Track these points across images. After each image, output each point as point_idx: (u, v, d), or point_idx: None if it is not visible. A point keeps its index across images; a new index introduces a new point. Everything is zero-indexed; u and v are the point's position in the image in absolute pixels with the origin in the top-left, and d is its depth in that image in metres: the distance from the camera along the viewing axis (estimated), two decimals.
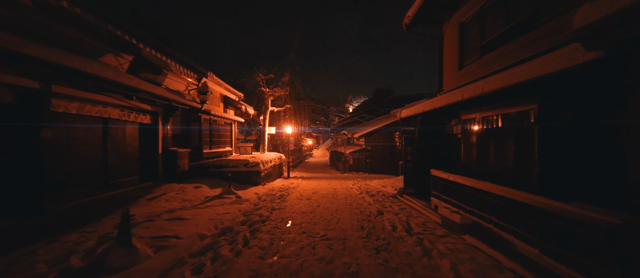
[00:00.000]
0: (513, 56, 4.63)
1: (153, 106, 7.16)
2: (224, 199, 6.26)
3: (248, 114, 13.15)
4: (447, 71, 7.26)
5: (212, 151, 10.12)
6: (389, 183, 10.59)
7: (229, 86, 11.19)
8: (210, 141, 10.02)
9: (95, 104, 5.53)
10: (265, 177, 9.83)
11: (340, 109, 65.32)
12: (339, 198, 7.20)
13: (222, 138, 11.27)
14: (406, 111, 7.39)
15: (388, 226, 4.52)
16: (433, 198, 5.92)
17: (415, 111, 7.03)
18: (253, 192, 7.59)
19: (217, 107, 11.13)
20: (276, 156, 12.40)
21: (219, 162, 9.18)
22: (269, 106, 12.81)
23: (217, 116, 10.27)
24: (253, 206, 5.95)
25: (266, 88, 12.32)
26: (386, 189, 8.83)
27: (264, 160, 10.17)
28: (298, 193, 8.12)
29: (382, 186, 9.66)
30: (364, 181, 12.11)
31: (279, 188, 9.03)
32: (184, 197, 6.08)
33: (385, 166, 19.26)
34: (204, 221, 4.39)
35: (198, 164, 9.08)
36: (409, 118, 7.53)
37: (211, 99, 10.71)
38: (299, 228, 4.40)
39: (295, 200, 6.95)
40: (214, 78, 9.62)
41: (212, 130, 10.18)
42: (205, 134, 9.67)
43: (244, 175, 9.06)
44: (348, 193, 8.13)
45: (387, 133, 19.79)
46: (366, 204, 6.35)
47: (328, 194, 7.84)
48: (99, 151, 5.87)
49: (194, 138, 9.21)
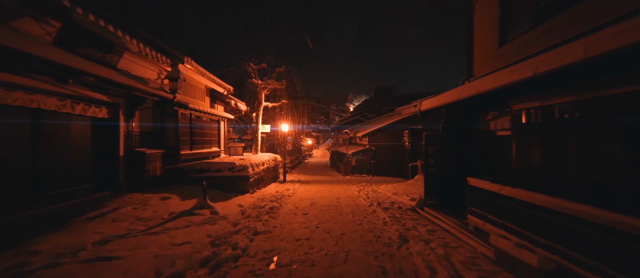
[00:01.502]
0: (599, 15, 3.15)
1: (110, 95, 5.68)
2: (194, 216, 4.77)
3: (239, 111, 11.66)
4: (479, 52, 5.77)
5: (194, 152, 8.64)
6: (400, 189, 9.10)
7: (215, 77, 9.70)
8: (191, 141, 8.54)
9: (12, 90, 4.05)
10: (255, 183, 8.34)
11: (341, 108, 63.88)
12: (344, 212, 5.70)
13: (208, 137, 9.79)
14: (428, 102, 5.90)
15: (423, 268, 3.01)
16: (472, 216, 4.42)
17: (440, 101, 5.53)
18: (236, 204, 6.11)
19: (201, 101, 9.64)
20: (270, 158, 10.92)
21: (199, 165, 7.69)
22: (263, 101, 11.30)
23: (200, 111, 8.79)
24: (231, 227, 4.46)
25: (258, 80, 10.80)
26: (400, 198, 7.34)
27: (255, 163, 8.69)
28: (293, 204, 6.62)
29: (393, 193, 8.17)
30: (370, 186, 10.63)
31: (271, 197, 7.54)
32: (140, 214, 4.60)
33: (391, 168, 17.77)
34: (143, 262, 2.90)
35: (174, 168, 7.60)
36: (431, 111, 6.04)
37: (194, 92, 9.23)
38: (287, 273, 2.90)
39: (288, 215, 5.46)
40: (193, 65, 8.13)
41: (193, 128, 8.69)
42: (184, 132, 8.19)
43: (229, 181, 7.57)
44: (354, 204, 6.63)
45: (394, 131, 18.30)
46: (381, 224, 4.84)
47: (330, 206, 6.35)
48: (25, 154, 4.39)
49: (169, 137, 7.72)
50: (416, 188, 9.30)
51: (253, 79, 10.73)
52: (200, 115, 9.11)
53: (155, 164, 6.94)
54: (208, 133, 9.79)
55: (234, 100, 10.55)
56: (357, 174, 17.68)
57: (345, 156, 18.91)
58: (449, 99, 5.30)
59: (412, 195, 7.70)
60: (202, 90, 9.89)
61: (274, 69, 11.28)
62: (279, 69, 11.38)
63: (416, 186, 9.61)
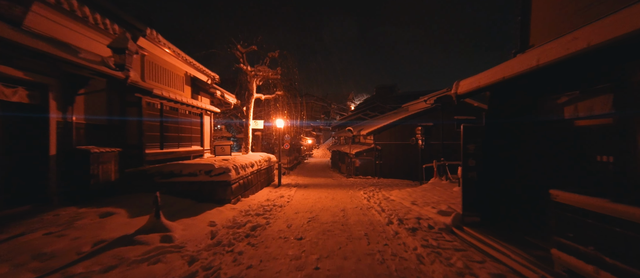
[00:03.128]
0: None
1: (31, 72, 4.09)
2: (132, 247, 3.17)
3: (228, 104, 10.06)
4: (541, 12, 4.16)
5: (167, 151, 7.04)
6: (417, 196, 7.50)
7: (195, 61, 8.10)
8: (162, 137, 6.94)
9: None
10: (239, 189, 6.74)
11: (342, 107, 62.29)
12: (355, 235, 4.08)
13: (187, 133, 8.19)
14: (468, 82, 4.30)
15: None
16: (562, 254, 2.80)
17: (487, 79, 3.95)
18: (208, 221, 4.50)
19: (178, 91, 8.04)
20: (262, 158, 9.31)
21: (168, 168, 6.10)
22: (254, 91, 9.66)
23: (176, 101, 7.19)
24: (181, 269, 2.85)
25: (248, 66, 9.17)
26: (423, 210, 5.74)
27: (241, 164, 7.09)
28: (285, 219, 5.00)
29: (411, 202, 6.56)
30: (379, 192, 9.03)
31: (258, 208, 5.95)
32: (48, 246, 3.00)
33: (399, 169, 16.16)
34: None
35: (136, 171, 6.01)
36: (471, 93, 4.44)
37: (169, 78, 7.63)
38: None
39: (275, 240, 3.85)
40: (161, 41, 6.50)
41: (165, 122, 7.10)
42: (152, 126, 6.59)
43: (205, 188, 5.98)
44: (367, 220, 5.00)
45: (401, 129, 16.69)
46: (414, 259, 3.17)
47: (334, 223, 4.73)
48: None
49: (131, 133, 6.13)
50: (436, 194, 7.70)
51: (241, 65, 9.09)
52: (175, 106, 7.51)
53: (107, 167, 5.34)
54: (187, 128, 8.19)
55: (219, 90, 8.94)
56: (361, 176, 16.08)
57: (347, 156, 17.31)
58: (498, 76, 3.70)
59: (437, 205, 6.10)
60: (180, 77, 8.29)
61: (267, 54, 9.66)
62: (273, 53, 9.74)
63: (435, 193, 8.01)
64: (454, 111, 16.85)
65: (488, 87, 4.05)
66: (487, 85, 3.94)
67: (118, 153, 5.61)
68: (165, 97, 6.77)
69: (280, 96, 10.84)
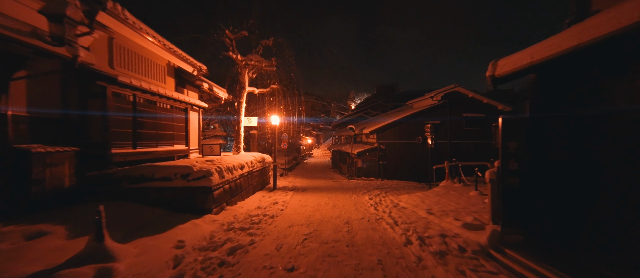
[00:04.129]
0: None
1: None
2: None
3: (217, 98, 9.06)
4: None
5: (141, 151, 6.06)
6: (431, 203, 6.51)
7: (178, 49, 7.08)
8: (135, 135, 5.94)
9: None
10: (224, 196, 5.74)
11: (342, 106, 61.28)
12: (366, 263, 3.04)
13: (168, 131, 7.20)
14: (512, 60, 3.30)
15: None
16: None
17: (539, 55, 2.96)
18: (174, 242, 3.51)
19: (157, 82, 7.06)
20: (254, 159, 8.32)
21: (138, 172, 5.11)
22: (246, 84, 8.62)
23: (153, 93, 6.20)
24: None
25: (238, 55, 8.14)
26: (443, 222, 4.75)
27: (228, 166, 6.10)
28: (274, 239, 3.96)
29: (427, 211, 5.57)
30: (386, 196, 8.04)
31: (244, 219, 4.96)
32: None
33: (404, 170, 15.17)
34: None
35: (100, 175, 5.02)
36: (515, 74, 3.45)
37: (146, 67, 6.64)
38: None
39: (257, 273, 2.85)
40: (129, 18, 5.47)
41: (140, 117, 6.10)
42: (122, 122, 5.59)
43: (181, 195, 4.99)
44: (379, 238, 3.98)
45: (406, 127, 15.70)
46: None
47: (337, 243, 3.72)
48: None
49: (94, 129, 5.14)
50: (452, 200, 6.72)
51: (231, 53, 8.06)
52: (153, 99, 6.51)
53: (58, 171, 4.35)
54: (168, 125, 7.20)
55: (206, 82, 7.94)
56: (363, 177, 15.09)
57: (349, 156, 16.32)
58: (553, 50, 2.71)
59: (458, 215, 5.11)
60: (162, 67, 7.29)
61: (260, 42, 8.64)
62: (266, 40, 8.69)
63: (450, 198, 7.03)
64: (462, 108, 15.87)
65: (542, 65, 3.05)
66: (540, 61, 2.95)
67: (75, 153, 4.63)
68: (138, 88, 5.77)
69: (276, 90, 9.82)
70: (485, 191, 7.59)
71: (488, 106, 15.83)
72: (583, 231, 2.97)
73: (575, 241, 3.06)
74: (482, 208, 6.10)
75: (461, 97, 15.75)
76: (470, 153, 13.97)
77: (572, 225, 3.09)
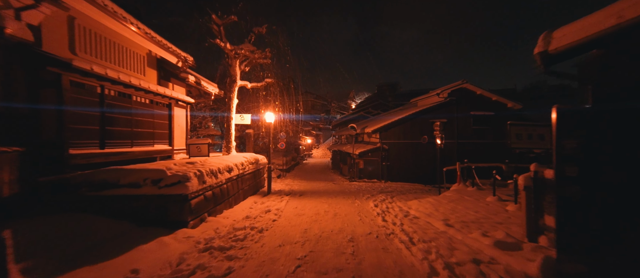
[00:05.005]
0: None
1: None
2: None
3: (207, 92, 8.21)
4: None
5: (111, 151, 5.21)
6: (446, 211, 5.67)
7: (161, 37, 6.22)
8: (103, 133, 5.09)
9: None
10: (205, 205, 4.88)
11: (343, 106, 60.45)
12: None
13: (147, 128, 6.35)
14: (574, 28, 2.44)
15: None
16: None
17: (612, 20, 2.07)
18: (125, 273, 2.65)
19: (135, 73, 6.21)
20: (246, 160, 7.46)
21: (101, 176, 4.27)
22: (237, 78, 7.75)
23: (127, 85, 5.36)
24: None
25: (228, 43, 7.26)
26: (467, 238, 3.89)
27: (211, 169, 5.26)
28: (258, 266, 2.92)
29: (444, 222, 4.72)
30: (392, 202, 7.19)
31: (226, 235, 4.11)
32: None
33: (409, 171, 14.33)
34: None
35: (54, 181, 4.18)
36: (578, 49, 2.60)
37: (121, 56, 5.79)
38: None
39: None
40: None
41: (110, 112, 5.25)
42: (85, 117, 4.74)
43: (151, 205, 4.15)
44: (393, 265, 2.98)
45: (411, 127, 14.86)
46: None
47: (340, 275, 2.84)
48: None
49: (47, 125, 4.29)
50: (469, 208, 5.88)
51: (219, 41, 7.19)
52: (127, 92, 5.66)
53: None
54: (147, 122, 6.34)
55: (192, 75, 7.09)
56: (366, 179, 14.25)
57: (350, 156, 15.46)
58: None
59: (484, 228, 4.26)
60: (141, 57, 6.44)
61: (252, 29, 7.77)
62: (259, 28, 7.81)
63: (466, 205, 6.19)
64: (469, 106, 15.03)
65: (604, 37, 2.22)
66: (615, 29, 2.11)
67: (17, 154, 3.76)
68: (106, 77, 4.92)
69: (271, 84, 8.96)
70: (504, 197, 6.77)
71: (497, 104, 15.00)
72: None
73: None
74: (507, 217, 5.27)
75: (469, 94, 14.91)
76: (478, 153, 13.12)
77: None
